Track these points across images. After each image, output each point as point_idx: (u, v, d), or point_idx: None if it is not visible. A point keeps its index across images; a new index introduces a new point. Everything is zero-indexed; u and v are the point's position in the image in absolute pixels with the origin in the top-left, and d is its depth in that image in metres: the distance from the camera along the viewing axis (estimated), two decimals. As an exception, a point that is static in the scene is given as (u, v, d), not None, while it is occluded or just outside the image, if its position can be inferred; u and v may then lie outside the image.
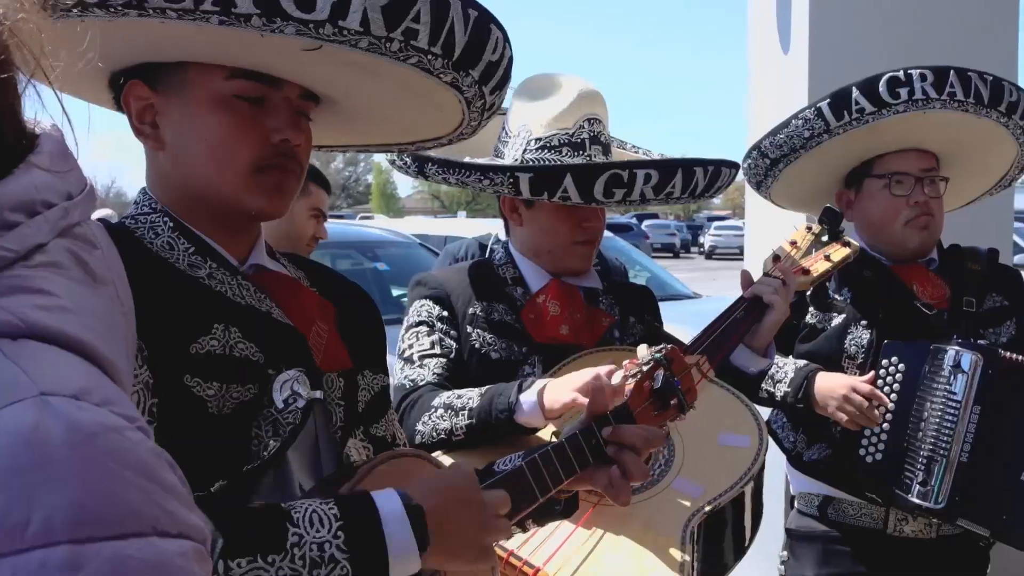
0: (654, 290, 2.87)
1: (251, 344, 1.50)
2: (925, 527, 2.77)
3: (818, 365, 2.77)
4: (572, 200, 2.32)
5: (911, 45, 3.78)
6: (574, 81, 2.51)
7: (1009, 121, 2.75)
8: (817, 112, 2.74)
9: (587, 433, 1.77)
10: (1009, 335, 2.85)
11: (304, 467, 1.54)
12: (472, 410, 2.27)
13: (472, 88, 1.59)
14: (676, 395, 1.89)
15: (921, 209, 2.81)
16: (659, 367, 1.88)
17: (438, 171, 2.43)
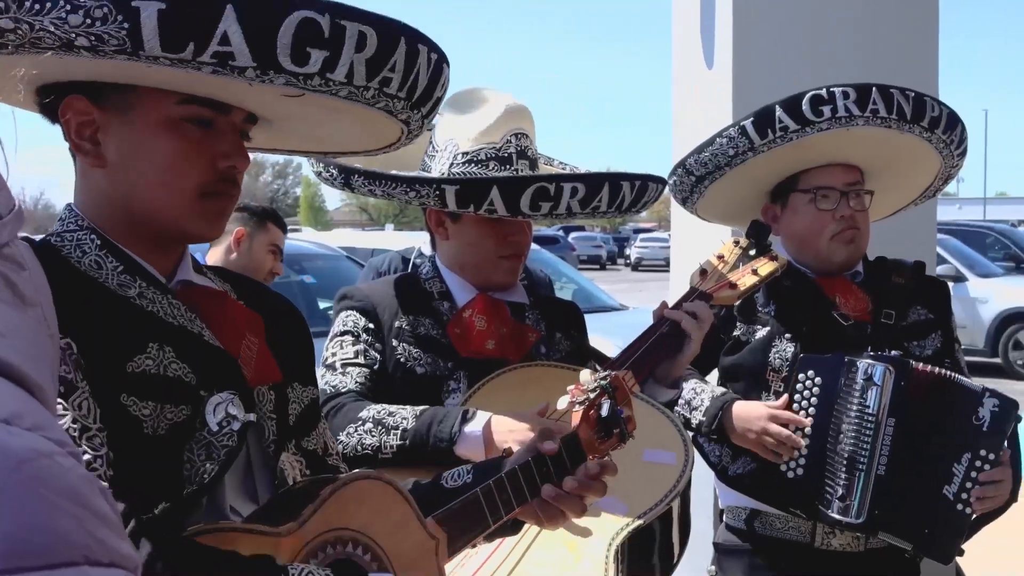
0: (580, 302, 2.87)
1: (184, 365, 1.48)
2: (853, 540, 2.77)
3: (735, 395, 2.77)
4: (498, 213, 2.31)
5: (834, 60, 3.82)
6: (501, 96, 2.50)
7: (932, 136, 2.78)
8: (741, 130, 2.75)
9: (539, 461, 1.80)
10: (934, 347, 2.87)
11: (236, 487, 1.54)
12: (406, 431, 2.24)
13: (417, 121, 1.62)
14: (620, 425, 1.88)
15: (847, 223, 2.83)
16: (604, 395, 1.87)
17: (364, 183, 2.41)
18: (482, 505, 1.71)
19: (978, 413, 2.61)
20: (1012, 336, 14.84)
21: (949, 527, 2.62)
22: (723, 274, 2.55)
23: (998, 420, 2.61)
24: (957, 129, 2.82)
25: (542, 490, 1.79)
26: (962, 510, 2.60)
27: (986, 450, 2.60)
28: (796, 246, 2.91)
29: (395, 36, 1.45)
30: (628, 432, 1.90)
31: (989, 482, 2.60)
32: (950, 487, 2.60)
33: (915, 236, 3.86)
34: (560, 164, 2.78)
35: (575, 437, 1.82)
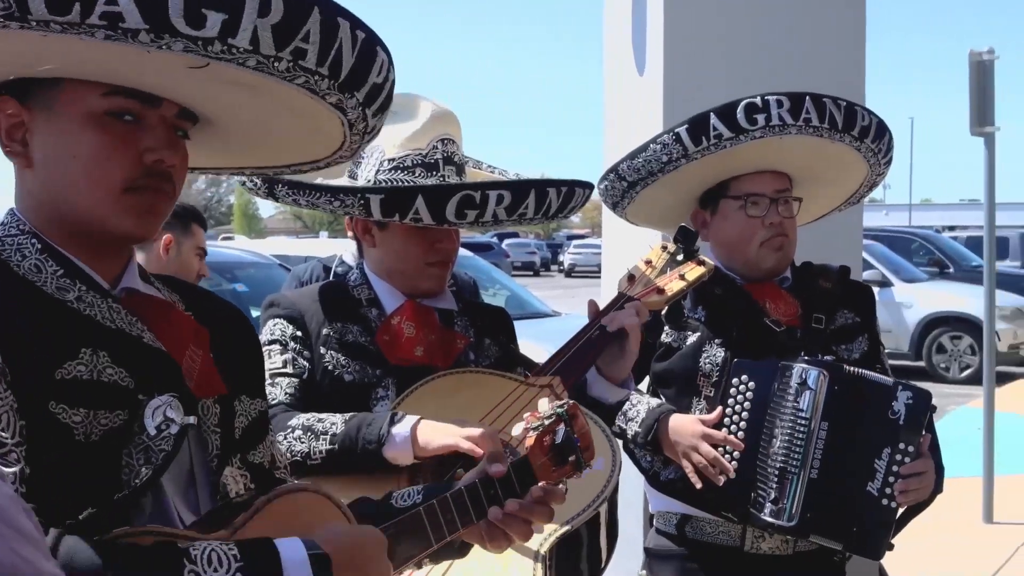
0: (513, 309, 2.88)
1: (120, 369, 1.45)
2: (782, 544, 2.79)
3: (671, 407, 2.78)
4: (424, 222, 2.30)
5: (764, 68, 3.85)
6: (427, 101, 2.49)
7: (861, 145, 2.81)
8: (675, 137, 2.75)
9: (486, 483, 1.78)
10: (861, 351, 2.90)
11: (180, 500, 1.51)
12: (335, 436, 2.23)
13: (356, 110, 1.56)
14: (575, 452, 1.86)
15: (776, 230, 2.85)
16: (560, 422, 1.85)
17: (288, 192, 2.38)
18: (424, 523, 1.68)
19: (893, 407, 2.64)
20: (936, 340, 15.12)
21: (876, 523, 2.64)
22: (651, 279, 2.56)
23: (913, 412, 2.64)
24: (885, 138, 2.86)
25: (489, 512, 1.77)
26: (887, 504, 2.63)
27: (905, 443, 2.63)
28: (726, 252, 2.93)
29: (306, 4, 1.39)
30: (584, 461, 1.89)
31: (911, 474, 2.63)
32: (873, 483, 2.62)
33: (841, 241, 3.91)
34: (489, 168, 2.77)
35: (526, 461, 1.81)
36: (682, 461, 2.70)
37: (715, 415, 2.71)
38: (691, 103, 2.84)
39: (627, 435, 2.77)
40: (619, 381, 2.45)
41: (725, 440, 2.67)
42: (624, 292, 2.52)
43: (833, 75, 3.88)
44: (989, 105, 7.95)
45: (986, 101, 7.95)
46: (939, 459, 2.74)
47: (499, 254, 38.27)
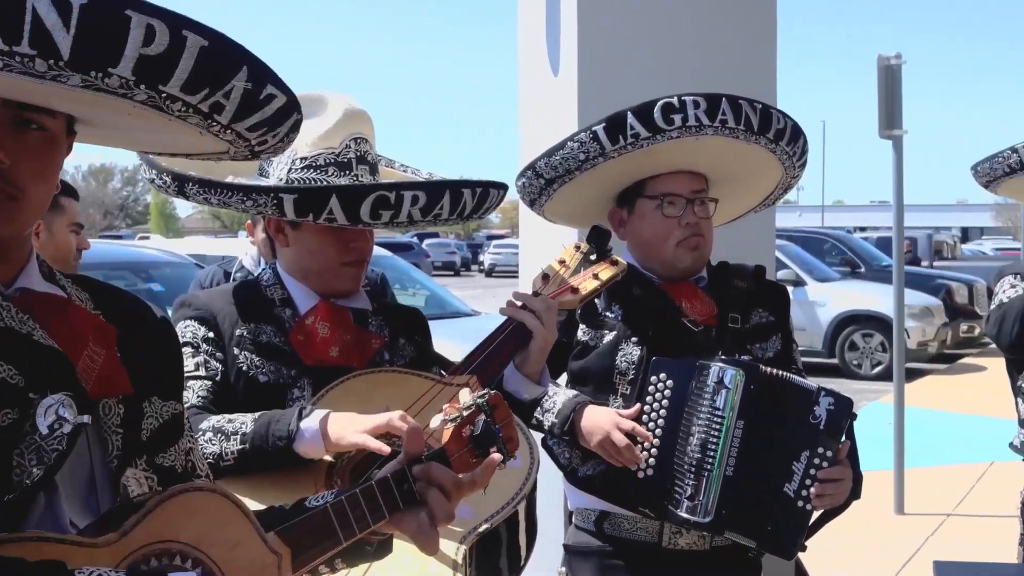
0: (433, 308, 2.88)
1: (9, 367, 1.40)
2: (699, 539, 2.82)
3: (587, 398, 2.80)
4: (338, 222, 2.29)
5: (677, 69, 3.89)
6: (340, 99, 2.47)
7: (776, 147, 2.84)
8: (593, 136, 2.77)
9: (399, 476, 1.72)
10: (775, 350, 2.94)
11: (77, 500, 1.47)
12: (245, 435, 2.21)
13: (201, 118, 1.46)
14: (496, 443, 1.82)
15: (692, 230, 2.88)
16: (480, 413, 1.82)
17: (199, 191, 2.35)
18: (332, 520, 1.63)
19: (815, 412, 2.67)
20: (848, 337, 15.39)
21: (790, 524, 2.68)
22: (565, 279, 2.57)
23: (834, 418, 2.67)
24: (800, 141, 2.89)
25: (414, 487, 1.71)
26: (802, 507, 2.66)
27: (823, 447, 2.66)
28: (642, 251, 2.95)
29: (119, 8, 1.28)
30: (508, 452, 1.85)
31: (828, 479, 2.66)
32: (790, 484, 2.66)
33: (755, 242, 3.97)
34: (402, 167, 2.77)
35: (441, 453, 1.76)
36: (598, 451, 2.72)
37: (633, 410, 2.73)
38: (604, 103, 2.86)
39: (544, 426, 2.78)
40: (536, 378, 2.46)
41: (635, 430, 2.70)
42: (538, 292, 2.53)
43: (745, 78, 3.94)
44: (897, 109, 8.12)
45: (894, 105, 8.11)
46: (857, 466, 2.77)
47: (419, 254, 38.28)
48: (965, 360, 16.88)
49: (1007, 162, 3.27)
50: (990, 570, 3.20)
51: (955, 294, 17.46)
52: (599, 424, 2.71)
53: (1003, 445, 3.34)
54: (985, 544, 5.94)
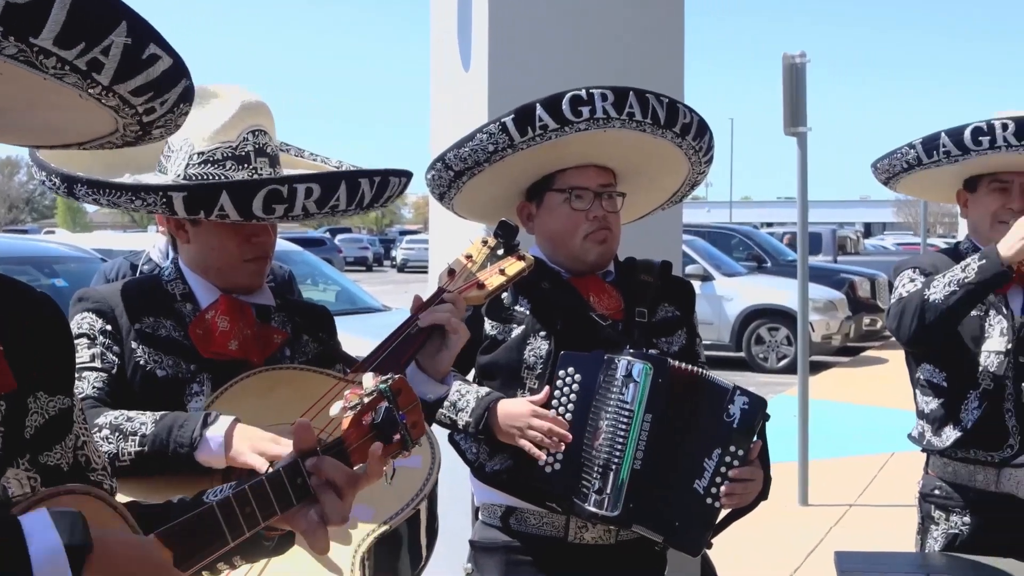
0: (344, 304, 2.85)
1: None
2: (604, 533, 2.83)
3: (500, 394, 2.79)
4: (231, 218, 2.25)
5: (586, 65, 3.91)
6: (236, 91, 2.43)
7: (683, 142, 2.87)
8: (502, 127, 2.77)
9: (292, 471, 1.63)
10: (680, 344, 2.96)
11: None
12: (145, 437, 2.16)
13: (93, 85, 1.40)
14: (399, 430, 1.75)
15: (599, 224, 2.89)
16: (382, 399, 1.74)
17: (88, 192, 2.29)
18: (219, 519, 1.54)
19: (728, 410, 2.69)
20: (754, 331, 15.62)
21: (698, 520, 2.69)
22: (471, 273, 2.56)
23: (747, 417, 2.69)
24: (706, 136, 2.92)
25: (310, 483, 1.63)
26: (711, 504, 2.68)
27: (735, 446, 2.68)
28: (550, 245, 2.96)
29: None
30: (413, 439, 1.77)
31: (738, 479, 2.68)
32: (700, 481, 2.67)
33: (662, 237, 4.00)
34: (311, 156, 2.73)
35: (339, 444, 1.68)
36: (516, 443, 2.71)
37: (542, 395, 2.73)
38: (516, 97, 2.86)
39: (458, 426, 2.77)
40: (440, 377, 2.45)
41: (553, 421, 2.70)
42: (444, 287, 2.52)
43: (653, 75, 3.96)
44: (801, 106, 8.25)
45: (798, 102, 8.24)
46: (768, 467, 2.79)
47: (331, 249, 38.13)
48: (868, 353, 17.26)
49: (905, 158, 3.33)
50: (888, 559, 3.26)
51: (858, 288, 17.83)
52: (516, 417, 2.71)
53: (903, 436, 3.42)
54: (885, 534, 6.07)
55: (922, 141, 3.27)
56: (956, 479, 3.21)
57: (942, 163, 3.24)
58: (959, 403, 3.18)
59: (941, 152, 3.22)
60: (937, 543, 3.24)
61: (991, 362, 3.14)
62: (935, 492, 3.27)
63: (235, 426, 2.15)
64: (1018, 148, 3.11)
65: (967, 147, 3.16)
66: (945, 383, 3.22)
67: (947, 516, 3.23)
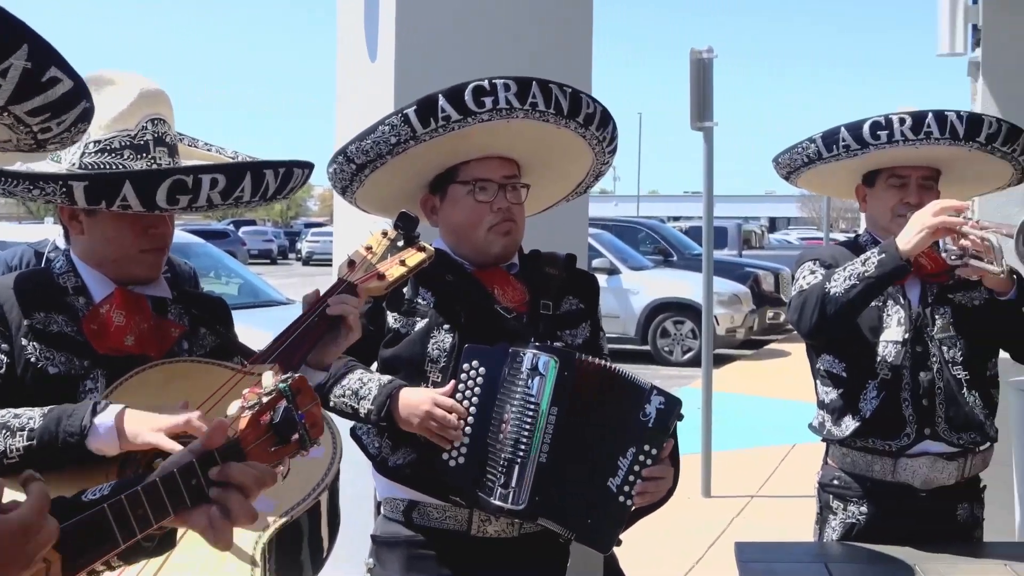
0: (247, 297, 2.80)
1: None
2: (508, 526, 2.82)
3: (402, 382, 2.77)
4: (133, 208, 2.20)
5: (494, 57, 3.89)
6: (135, 79, 2.37)
7: (586, 132, 2.87)
8: (404, 118, 2.74)
9: (186, 472, 1.59)
10: (584, 336, 2.97)
11: None
12: (33, 431, 2.10)
13: None
14: (298, 430, 1.73)
15: (504, 215, 2.88)
16: (282, 398, 1.72)
17: None
18: (109, 521, 1.50)
19: (645, 409, 2.69)
20: (660, 325, 15.78)
21: (610, 518, 2.69)
22: (372, 265, 2.54)
23: (663, 417, 2.70)
24: (609, 127, 2.93)
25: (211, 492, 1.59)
26: (623, 502, 2.68)
27: (650, 445, 2.68)
28: (454, 237, 2.94)
29: None
30: (311, 439, 1.75)
31: (651, 478, 2.69)
32: (614, 479, 2.67)
33: (568, 230, 4.01)
34: (206, 146, 2.68)
35: (236, 444, 1.65)
36: (417, 431, 2.69)
37: (448, 387, 2.72)
38: (422, 89, 2.83)
39: (360, 414, 2.74)
40: (323, 367, 2.42)
41: (453, 408, 2.68)
42: (344, 278, 2.49)
43: (562, 65, 3.98)
44: (708, 101, 8.34)
45: (705, 97, 8.33)
46: (677, 465, 2.81)
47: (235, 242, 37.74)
48: (771, 346, 17.54)
49: (806, 152, 3.38)
50: (787, 549, 3.31)
51: (762, 282, 18.11)
52: (417, 405, 2.69)
53: (805, 428, 3.46)
54: (787, 524, 6.17)
55: (822, 135, 3.32)
56: (854, 469, 3.27)
57: (841, 157, 3.29)
58: (858, 393, 3.23)
59: (841, 146, 3.27)
60: (835, 532, 3.29)
61: (889, 352, 3.19)
62: (833, 482, 3.32)
63: (124, 412, 2.10)
64: (915, 143, 3.17)
65: (866, 141, 3.21)
66: (845, 373, 3.27)
67: (845, 506, 3.28)
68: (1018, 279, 3.10)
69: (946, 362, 3.19)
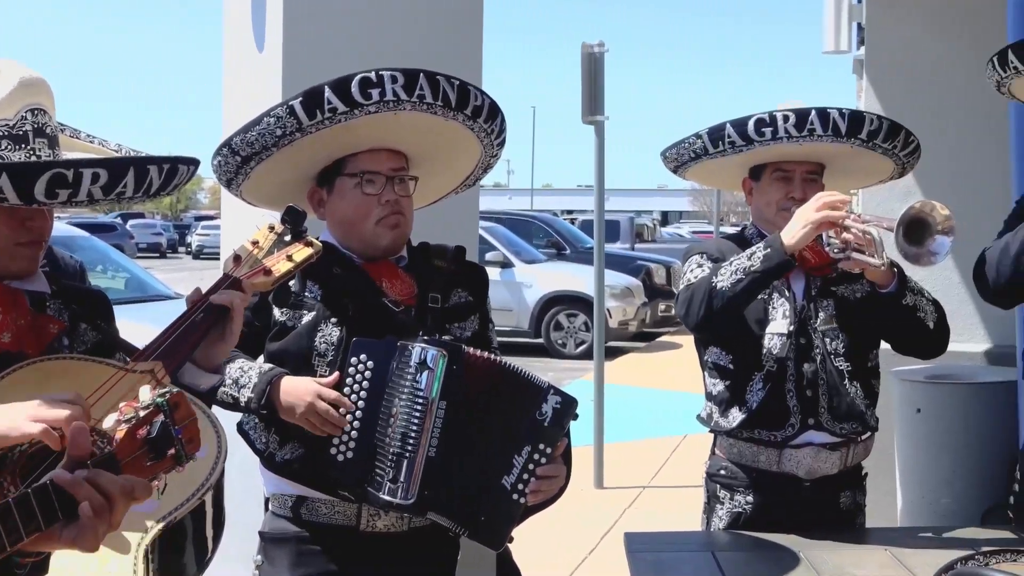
0: (134, 292, 2.73)
1: None
2: (397, 521, 2.81)
3: (283, 370, 2.74)
4: (10, 201, 2.12)
5: (384, 49, 3.86)
6: (13, 67, 2.29)
7: (474, 124, 2.87)
8: (289, 110, 2.71)
9: (58, 483, 1.54)
10: (473, 329, 2.97)
11: None
12: None
13: None
14: (174, 445, 1.69)
15: (392, 208, 2.86)
16: (159, 413, 1.68)
17: None
18: None
19: (541, 408, 2.68)
20: (553, 318, 15.88)
21: (503, 515, 2.69)
22: (258, 260, 2.50)
23: (559, 416, 2.69)
24: (497, 119, 2.93)
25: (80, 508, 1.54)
26: (517, 500, 2.67)
27: (544, 444, 2.68)
28: (342, 230, 2.91)
29: None
30: (187, 454, 1.72)
31: (545, 476, 2.69)
32: (509, 477, 2.66)
33: (459, 223, 4.00)
34: (88, 138, 2.60)
35: (111, 458, 1.61)
36: (299, 422, 2.66)
37: (332, 378, 2.69)
38: (310, 80, 2.79)
39: (240, 403, 2.70)
40: (214, 367, 2.38)
41: (337, 400, 2.66)
42: (229, 274, 2.44)
43: (452, 57, 3.96)
44: (599, 95, 8.41)
45: (597, 91, 8.40)
46: (570, 464, 2.81)
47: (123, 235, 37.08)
48: (663, 338, 17.77)
49: (692, 147, 3.42)
50: (676, 538, 3.36)
51: (654, 275, 18.36)
52: (299, 395, 2.66)
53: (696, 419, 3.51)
54: (678, 514, 6.26)
55: (708, 131, 3.36)
56: (741, 459, 3.32)
57: (727, 153, 3.34)
58: (744, 385, 3.28)
59: (726, 142, 3.32)
60: (722, 521, 3.34)
61: (774, 344, 3.25)
62: (721, 472, 3.37)
63: None
64: (798, 140, 3.23)
65: (751, 138, 3.27)
66: (731, 366, 3.32)
67: (732, 495, 3.34)
68: (899, 272, 3.18)
69: (829, 354, 3.26)
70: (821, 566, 2.89)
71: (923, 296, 3.25)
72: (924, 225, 2.96)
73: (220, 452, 2.13)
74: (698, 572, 2.97)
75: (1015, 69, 3.10)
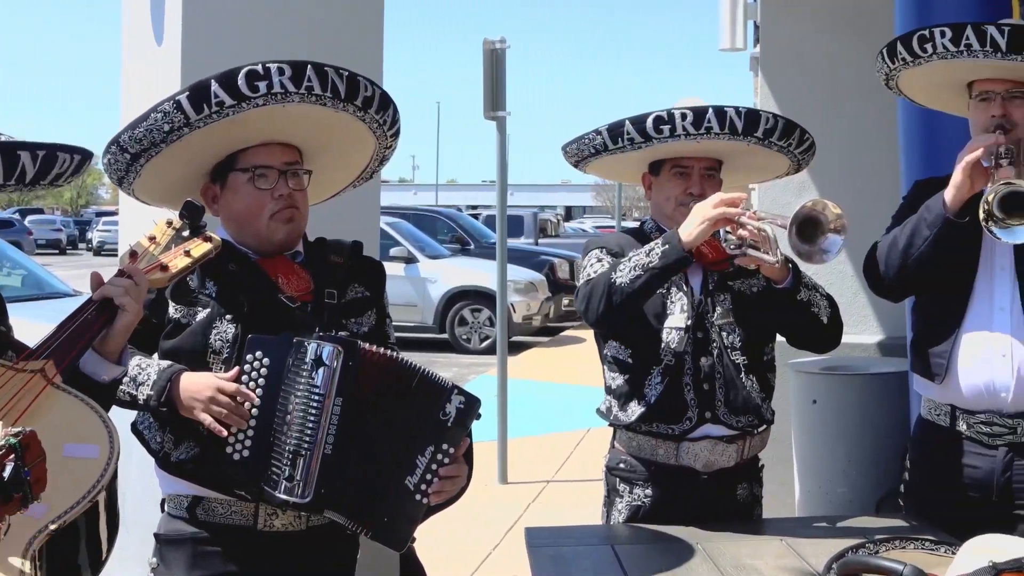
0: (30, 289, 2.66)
1: None
2: (295, 519, 2.78)
3: (182, 366, 2.70)
4: None
5: (284, 43, 3.83)
6: None
7: (365, 115, 2.86)
8: (176, 105, 2.67)
9: None
10: (370, 325, 2.95)
11: None
12: None
13: None
14: (23, 488, 1.66)
15: (285, 202, 2.84)
16: (11, 453, 1.64)
17: None
18: None
19: (445, 408, 2.67)
20: (458, 313, 15.86)
21: (406, 516, 2.68)
22: (155, 256, 2.46)
23: (462, 416, 2.69)
24: (389, 110, 2.92)
25: None
26: (420, 500, 2.66)
27: (448, 444, 2.67)
28: (236, 226, 2.88)
29: None
30: (33, 496, 1.69)
31: (447, 476, 2.68)
32: (412, 478, 2.65)
33: (360, 218, 3.99)
34: None
35: None
36: (200, 417, 2.62)
37: (232, 373, 2.66)
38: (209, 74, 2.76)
39: (139, 401, 2.66)
40: (114, 357, 2.34)
41: (238, 392, 2.63)
42: (124, 270, 2.40)
43: (352, 52, 3.94)
44: (501, 91, 8.43)
45: (498, 87, 8.43)
46: (472, 463, 2.81)
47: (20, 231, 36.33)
48: (567, 333, 17.87)
49: (592, 143, 3.45)
50: (576, 532, 3.38)
51: (558, 269, 18.46)
52: (199, 389, 2.63)
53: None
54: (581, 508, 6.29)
55: (608, 128, 3.39)
56: (640, 453, 3.36)
57: (627, 149, 3.37)
58: (643, 379, 3.31)
59: (625, 139, 3.34)
60: (621, 515, 3.37)
61: (672, 338, 3.29)
62: (620, 466, 3.41)
63: None
64: (696, 137, 3.27)
65: (649, 135, 3.30)
66: (630, 360, 3.35)
67: (631, 489, 3.37)
68: (793, 268, 3.24)
69: (725, 347, 3.31)
70: (719, 557, 2.94)
71: (817, 292, 3.32)
72: (816, 223, 3.01)
73: (112, 452, 2.09)
74: (598, 566, 2.99)
75: (903, 60, 3.19)
